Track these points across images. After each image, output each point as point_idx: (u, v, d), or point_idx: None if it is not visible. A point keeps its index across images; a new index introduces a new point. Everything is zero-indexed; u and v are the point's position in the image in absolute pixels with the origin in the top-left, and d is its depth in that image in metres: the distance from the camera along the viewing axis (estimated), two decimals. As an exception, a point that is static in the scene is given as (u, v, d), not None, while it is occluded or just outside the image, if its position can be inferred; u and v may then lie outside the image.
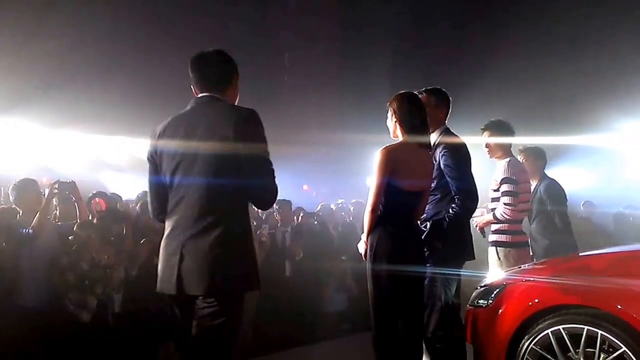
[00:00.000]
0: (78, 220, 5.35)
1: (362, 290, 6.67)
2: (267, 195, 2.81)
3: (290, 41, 10.35)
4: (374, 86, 10.30)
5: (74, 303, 4.83)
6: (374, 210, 3.50)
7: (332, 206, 8.65)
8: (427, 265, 3.71)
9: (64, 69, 9.05)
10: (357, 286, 6.59)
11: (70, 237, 5.22)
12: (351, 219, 8.12)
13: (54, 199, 5.36)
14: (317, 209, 8.51)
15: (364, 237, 3.64)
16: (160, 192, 2.86)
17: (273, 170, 2.77)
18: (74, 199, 5.43)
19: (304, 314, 5.96)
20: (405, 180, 3.49)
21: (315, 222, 7.67)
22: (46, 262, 4.88)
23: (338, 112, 10.66)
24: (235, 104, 3.01)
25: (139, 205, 6.59)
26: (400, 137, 3.66)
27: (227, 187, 2.70)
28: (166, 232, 2.82)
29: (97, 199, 6.55)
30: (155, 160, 2.87)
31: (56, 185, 5.14)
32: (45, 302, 4.78)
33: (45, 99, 8.84)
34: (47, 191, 5.14)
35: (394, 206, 3.51)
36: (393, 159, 3.49)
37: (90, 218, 5.66)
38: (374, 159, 3.54)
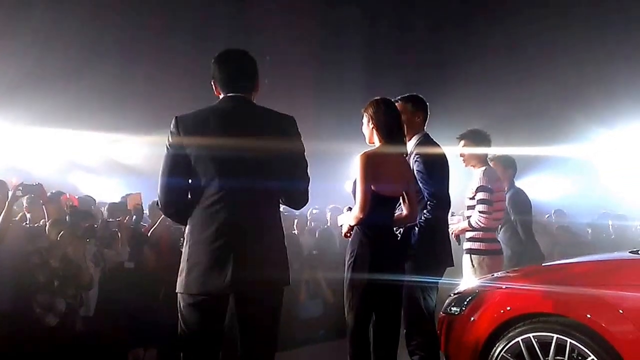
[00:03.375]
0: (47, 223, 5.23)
1: (337, 297, 6.72)
2: (305, 196, 2.99)
3: (269, 44, 10.29)
4: (349, 93, 10.30)
5: (41, 306, 4.71)
6: (363, 215, 3.42)
7: (308, 215, 8.59)
8: (408, 272, 3.69)
9: (36, 67, 8.87)
10: (331, 293, 6.58)
11: (40, 238, 5.11)
12: (329, 224, 8.08)
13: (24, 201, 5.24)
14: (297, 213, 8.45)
15: (345, 218, 3.59)
16: (179, 188, 2.80)
17: (308, 174, 2.95)
18: (41, 201, 5.29)
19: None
20: (382, 185, 3.45)
21: (295, 232, 7.61)
22: (12, 264, 4.75)
23: (313, 117, 10.63)
24: None
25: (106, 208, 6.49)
26: (376, 144, 3.63)
27: (274, 189, 2.84)
28: (204, 231, 2.74)
29: (67, 194, 6.42)
30: (181, 157, 2.77)
31: (20, 188, 4.97)
32: (9, 305, 4.66)
33: (16, 97, 8.68)
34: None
35: (373, 212, 3.46)
36: (372, 164, 3.45)
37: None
38: (354, 165, 3.52)
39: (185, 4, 10.65)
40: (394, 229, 3.69)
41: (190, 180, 2.81)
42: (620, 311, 3.13)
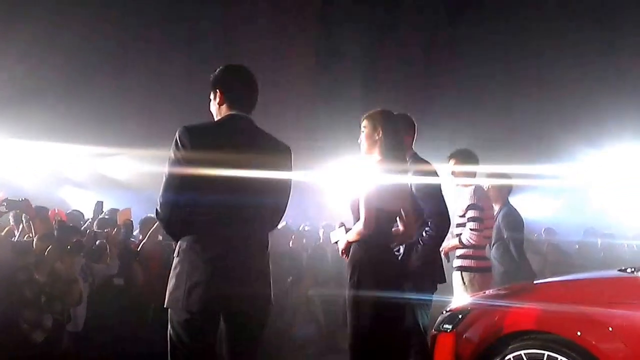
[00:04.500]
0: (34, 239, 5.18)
1: (329, 315, 6.69)
2: (280, 219, 3.14)
3: (262, 62, 10.32)
4: (341, 113, 10.35)
5: (28, 322, 4.65)
6: (368, 231, 3.36)
7: (304, 227, 8.59)
8: (407, 290, 3.66)
9: (27, 80, 8.85)
10: (323, 311, 6.55)
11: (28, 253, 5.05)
12: (321, 241, 8.06)
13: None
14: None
15: (343, 235, 3.54)
16: (181, 203, 2.76)
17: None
18: (27, 217, 5.24)
19: (269, 338, 5.87)
20: (384, 201, 3.40)
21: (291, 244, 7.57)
22: (-1, 279, 4.70)
23: (307, 133, 10.66)
24: None
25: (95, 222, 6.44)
26: (377, 157, 3.55)
27: (268, 209, 2.94)
28: (206, 249, 2.74)
29: (56, 209, 6.38)
30: (186, 172, 2.74)
31: (4, 204, 4.92)
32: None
33: (6, 111, 8.63)
34: None
35: (375, 228, 3.41)
36: (376, 179, 3.39)
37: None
38: (355, 180, 3.50)
39: (176, 21, 10.69)
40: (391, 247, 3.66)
41: (193, 195, 2.77)
42: (610, 329, 3.15)
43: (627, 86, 10.93)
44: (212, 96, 2.99)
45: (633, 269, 3.65)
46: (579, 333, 3.20)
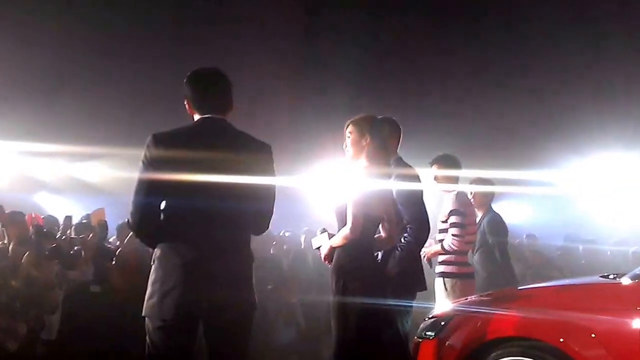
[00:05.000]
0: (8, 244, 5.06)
1: (310, 322, 6.63)
2: (267, 223, 2.97)
3: (242, 64, 10.26)
4: (324, 116, 10.33)
5: (2, 329, 4.54)
6: (354, 236, 3.33)
7: (285, 233, 8.53)
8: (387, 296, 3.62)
9: (2, 83, 8.70)
10: (305, 318, 6.48)
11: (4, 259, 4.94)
12: (302, 247, 7.99)
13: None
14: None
15: (326, 240, 3.50)
16: (151, 208, 2.74)
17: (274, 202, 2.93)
18: (1, 223, 5.14)
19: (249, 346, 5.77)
20: (370, 206, 3.37)
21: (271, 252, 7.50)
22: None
23: (290, 139, 10.62)
24: None
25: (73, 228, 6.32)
26: (364, 162, 3.52)
27: (245, 212, 2.80)
28: (177, 256, 2.69)
29: (33, 214, 6.26)
30: (156, 176, 2.70)
31: None
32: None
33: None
34: None
35: (365, 235, 3.39)
36: (364, 185, 3.36)
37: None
38: (342, 184, 3.46)
39: (157, 24, 10.60)
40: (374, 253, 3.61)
41: (163, 201, 2.74)
42: (593, 335, 3.15)
43: (611, 94, 11.06)
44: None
45: (615, 275, 3.65)
46: (561, 339, 3.20)
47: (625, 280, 3.38)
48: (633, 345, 3.01)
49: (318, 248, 3.63)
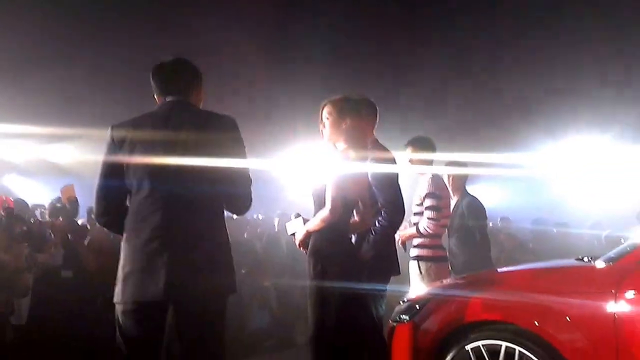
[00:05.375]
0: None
1: (284, 307, 6.59)
2: (246, 202, 2.89)
3: (213, 46, 10.09)
4: (300, 97, 10.23)
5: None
6: (334, 218, 3.30)
7: (257, 217, 8.46)
8: (361, 280, 3.59)
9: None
10: (279, 302, 6.45)
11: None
12: (276, 230, 7.93)
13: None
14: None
15: (301, 225, 3.46)
16: (114, 195, 2.77)
17: (250, 179, 2.84)
18: None
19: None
20: (347, 189, 3.33)
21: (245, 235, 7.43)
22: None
23: (261, 122, 10.52)
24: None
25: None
26: (342, 145, 3.47)
27: (212, 193, 2.74)
28: (139, 239, 2.67)
29: (3, 196, 6.08)
30: (117, 163, 2.72)
31: None
32: None
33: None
34: None
35: (344, 219, 3.36)
36: (340, 167, 3.32)
37: None
38: (320, 167, 3.40)
39: (125, 4, 10.35)
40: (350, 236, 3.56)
41: (124, 184, 2.74)
42: (568, 318, 3.14)
43: (584, 78, 11.13)
44: None
45: (590, 258, 3.66)
46: (536, 323, 3.19)
47: (600, 264, 3.39)
48: (607, 328, 3.01)
49: (293, 234, 3.58)
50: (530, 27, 11.40)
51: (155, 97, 2.94)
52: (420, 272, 4.82)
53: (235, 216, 5.57)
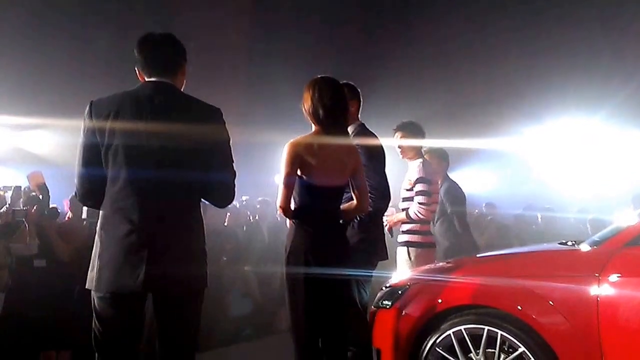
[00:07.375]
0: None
1: (265, 294, 6.54)
2: (229, 192, 2.78)
3: (195, 30, 9.92)
4: (281, 81, 10.12)
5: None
6: (283, 209, 3.22)
7: (236, 204, 8.34)
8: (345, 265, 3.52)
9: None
10: (260, 290, 6.39)
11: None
12: (256, 217, 7.85)
13: None
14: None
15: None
16: (96, 179, 2.63)
17: (234, 171, 2.76)
18: None
19: (202, 320, 5.64)
20: (315, 177, 3.19)
21: (225, 224, 7.32)
22: None
23: (244, 105, 10.41)
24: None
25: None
26: (312, 129, 3.34)
27: (191, 181, 2.65)
28: (115, 226, 2.57)
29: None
30: (95, 144, 2.60)
31: None
32: None
33: None
34: None
35: (308, 205, 3.23)
36: (299, 154, 3.16)
37: None
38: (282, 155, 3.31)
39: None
40: (340, 220, 3.43)
41: (102, 169, 2.62)
42: (551, 302, 3.12)
43: (570, 61, 11.08)
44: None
45: (574, 242, 3.63)
46: (519, 307, 3.17)
47: (584, 247, 3.36)
48: (590, 311, 2.99)
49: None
50: (513, 6, 11.35)
51: (137, 70, 2.79)
52: (410, 258, 4.77)
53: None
